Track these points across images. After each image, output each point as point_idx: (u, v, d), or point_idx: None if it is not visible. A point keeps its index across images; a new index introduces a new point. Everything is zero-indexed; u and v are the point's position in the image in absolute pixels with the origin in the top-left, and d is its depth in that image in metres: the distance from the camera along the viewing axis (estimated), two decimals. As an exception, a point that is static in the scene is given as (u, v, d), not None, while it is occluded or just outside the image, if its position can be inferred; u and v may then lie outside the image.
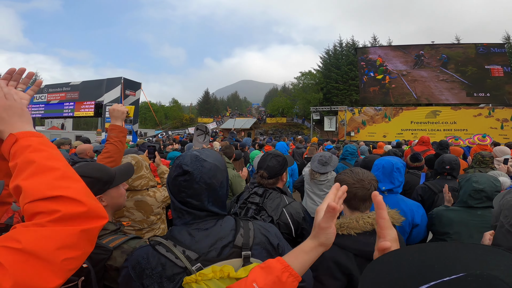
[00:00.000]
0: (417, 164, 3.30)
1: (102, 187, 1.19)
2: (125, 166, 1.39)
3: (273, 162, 1.77)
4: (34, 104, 15.12)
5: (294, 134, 33.42)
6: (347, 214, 1.52)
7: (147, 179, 1.97)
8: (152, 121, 45.82)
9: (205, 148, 1.11)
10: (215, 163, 1.00)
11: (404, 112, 19.52)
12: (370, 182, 1.41)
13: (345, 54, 35.79)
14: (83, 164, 1.22)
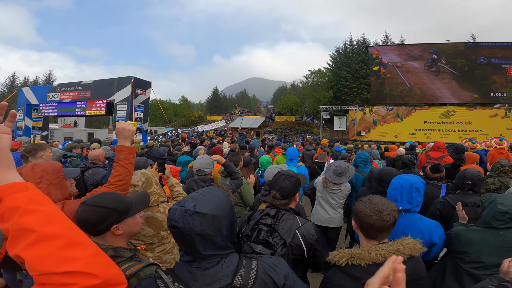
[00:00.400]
0: (438, 175, 3.17)
1: (118, 217, 1.18)
2: (141, 195, 1.38)
3: (286, 183, 1.72)
4: (47, 103, 15.43)
5: (303, 132, 33.17)
6: (363, 242, 1.46)
7: (157, 195, 1.94)
8: (162, 119, 46.37)
9: (207, 190, 1.05)
10: (211, 214, 0.97)
11: (417, 112, 19.05)
12: (390, 213, 1.34)
13: (356, 52, 35.21)
14: (100, 195, 1.21)
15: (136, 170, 2.88)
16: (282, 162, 5.94)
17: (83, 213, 1.13)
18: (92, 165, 3.79)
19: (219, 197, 1.03)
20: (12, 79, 60.51)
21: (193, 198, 0.98)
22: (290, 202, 1.75)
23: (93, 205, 1.14)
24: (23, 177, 1.33)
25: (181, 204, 0.97)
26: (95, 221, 1.12)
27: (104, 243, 1.15)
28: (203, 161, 2.69)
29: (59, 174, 1.46)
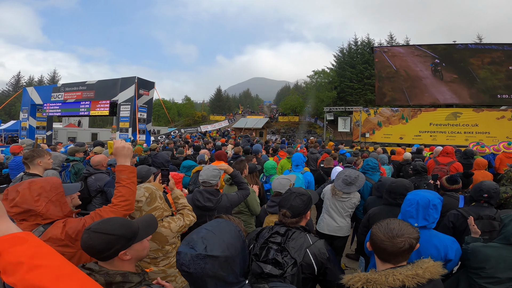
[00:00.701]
0: (455, 187, 3.08)
1: (125, 243, 1.15)
2: (148, 219, 1.33)
3: (297, 202, 1.65)
4: (51, 103, 15.48)
5: (306, 133, 33.04)
6: (379, 265, 1.41)
7: (161, 210, 1.89)
8: (165, 118, 46.45)
9: (217, 226, 0.97)
10: (224, 255, 0.90)
11: (423, 114, 18.80)
12: (405, 240, 1.28)
13: (360, 52, 35.11)
14: (106, 221, 1.16)
15: (139, 178, 2.85)
16: (287, 166, 5.85)
17: (89, 240, 1.09)
18: (95, 171, 3.74)
19: (231, 234, 0.96)
20: (17, 78, 60.83)
21: (203, 239, 0.91)
22: (301, 220, 1.68)
23: (98, 232, 1.10)
24: (20, 195, 1.29)
25: (190, 246, 0.90)
26: (102, 248, 1.09)
27: (112, 268, 1.12)
28: (209, 173, 2.61)
29: (58, 191, 1.40)
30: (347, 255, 4.37)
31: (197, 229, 0.97)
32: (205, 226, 0.98)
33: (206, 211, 2.53)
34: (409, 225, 1.36)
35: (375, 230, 1.35)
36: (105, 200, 3.68)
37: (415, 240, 1.30)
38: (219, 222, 1.00)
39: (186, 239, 0.93)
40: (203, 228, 0.96)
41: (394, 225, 1.33)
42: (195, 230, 0.97)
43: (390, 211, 2.46)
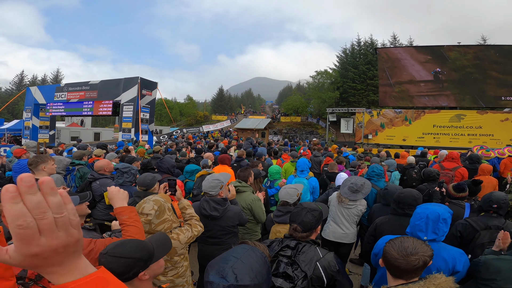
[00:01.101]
0: (462, 195, 3.04)
1: (144, 265, 1.18)
2: (162, 239, 1.34)
3: (308, 217, 1.66)
4: (54, 103, 15.53)
5: (308, 134, 33.02)
6: (390, 281, 1.42)
7: (170, 222, 1.89)
8: (167, 118, 46.55)
9: (246, 254, 0.98)
10: (253, 284, 0.92)
11: (426, 116, 18.70)
12: (419, 258, 1.29)
13: (363, 53, 35.05)
14: (121, 244, 1.17)
15: (143, 186, 2.85)
16: (290, 170, 5.82)
17: (108, 264, 1.10)
18: (99, 176, 3.72)
19: (258, 262, 0.97)
20: (21, 77, 61.07)
21: (233, 268, 0.91)
22: (311, 235, 1.68)
23: (115, 256, 1.11)
24: None
25: (221, 275, 0.90)
26: (121, 272, 1.10)
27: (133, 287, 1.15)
28: (207, 184, 2.62)
29: None
30: (351, 260, 4.36)
31: (225, 256, 0.98)
32: (232, 253, 0.98)
33: (212, 220, 2.54)
34: (423, 243, 1.36)
35: (389, 248, 1.35)
36: (108, 205, 3.66)
37: (429, 258, 1.31)
38: (246, 249, 1.01)
39: (215, 267, 0.93)
40: (231, 256, 0.96)
41: (408, 244, 1.33)
42: (223, 257, 0.97)
43: (397, 221, 2.44)
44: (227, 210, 2.61)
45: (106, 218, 3.74)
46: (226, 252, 1.02)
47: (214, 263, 0.96)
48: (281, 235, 2.34)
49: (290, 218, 1.70)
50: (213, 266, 0.95)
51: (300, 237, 1.63)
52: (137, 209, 1.79)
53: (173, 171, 4.27)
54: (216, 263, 0.96)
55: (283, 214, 2.43)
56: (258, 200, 3.15)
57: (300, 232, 1.63)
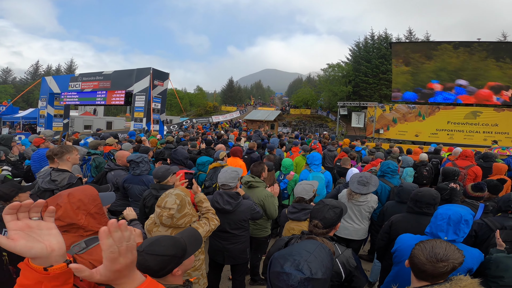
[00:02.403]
0: (478, 195, 3.00)
1: (178, 261, 1.23)
2: (193, 235, 1.38)
3: (330, 214, 1.67)
4: (69, 92, 15.80)
5: (317, 127, 32.74)
6: (414, 282, 1.40)
7: (190, 216, 1.92)
8: (177, 108, 46.83)
9: (318, 249, 1.03)
10: (323, 278, 0.97)
11: (441, 112, 18.22)
12: (449, 265, 1.26)
13: (377, 47, 34.40)
14: (157, 242, 1.22)
15: (156, 178, 2.88)
16: (302, 164, 5.79)
17: (145, 262, 1.15)
18: (115, 167, 3.80)
19: (328, 258, 1.03)
20: (36, 67, 62.36)
21: (308, 262, 0.97)
22: (331, 231, 1.69)
23: (152, 253, 1.16)
24: (62, 209, 1.31)
25: (297, 268, 0.95)
26: (158, 269, 1.16)
27: (165, 283, 1.18)
28: (227, 175, 2.60)
29: (96, 203, 1.40)
30: (360, 256, 4.35)
31: (296, 250, 1.02)
32: (304, 247, 1.03)
33: (223, 213, 2.52)
34: (456, 249, 1.31)
35: (418, 252, 1.32)
36: (122, 196, 3.72)
37: (458, 264, 1.28)
38: (316, 245, 1.06)
39: (289, 259, 0.97)
40: (304, 250, 1.01)
41: (439, 250, 1.29)
42: (295, 251, 1.02)
43: (414, 220, 2.41)
44: (240, 204, 2.60)
45: (119, 208, 3.84)
46: (295, 246, 1.06)
47: (285, 256, 1.00)
48: (295, 232, 2.34)
49: (311, 214, 1.71)
50: (285, 258, 0.99)
51: (320, 233, 1.64)
52: (159, 203, 1.82)
53: (186, 163, 4.31)
54: (288, 255, 1.00)
55: (297, 211, 2.42)
56: (271, 196, 3.11)
57: (320, 229, 1.64)
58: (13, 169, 4.14)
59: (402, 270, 1.99)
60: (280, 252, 1.06)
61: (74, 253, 1.30)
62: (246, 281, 3.30)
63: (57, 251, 0.73)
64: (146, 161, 3.62)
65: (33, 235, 0.70)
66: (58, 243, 0.74)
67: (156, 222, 1.92)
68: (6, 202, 2.35)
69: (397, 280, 2.03)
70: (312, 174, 4.36)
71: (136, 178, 3.52)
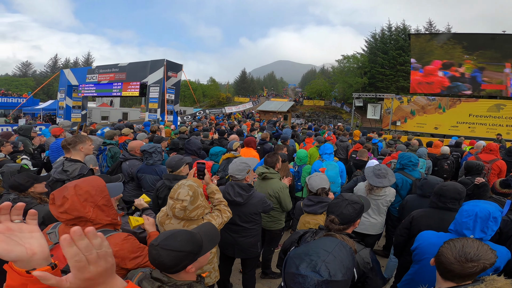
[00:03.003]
0: (506, 191, 2.83)
1: (193, 258, 1.17)
2: (210, 231, 1.32)
3: (348, 210, 1.56)
4: (86, 84, 16.20)
5: (331, 118, 32.20)
6: (440, 282, 1.31)
7: (203, 208, 1.87)
8: (191, 99, 47.22)
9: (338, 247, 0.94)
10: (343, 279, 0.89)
11: (462, 104, 17.42)
12: (479, 265, 1.16)
13: (394, 38, 33.65)
14: (173, 236, 1.17)
15: (169, 167, 2.86)
16: (315, 155, 5.68)
17: (159, 257, 1.11)
18: (130, 157, 3.82)
19: (348, 258, 0.94)
20: (55, 60, 64.55)
21: (326, 263, 0.88)
22: (349, 228, 1.59)
23: (167, 248, 1.11)
24: (69, 202, 1.27)
25: (314, 270, 0.86)
26: (172, 265, 1.11)
27: (178, 279, 1.15)
28: (234, 167, 2.52)
29: (103, 195, 1.36)
30: (374, 251, 4.24)
31: (313, 248, 0.94)
32: (322, 246, 0.95)
33: (234, 206, 2.45)
34: (489, 249, 1.21)
35: (446, 251, 1.23)
36: (137, 186, 3.75)
37: (489, 265, 1.17)
38: (336, 243, 0.97)
39: (305, 259, 0.90)
40: (322, 249, 0.92)
41: (470, 249, 1.19)
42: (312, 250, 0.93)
43: (437, 215, 2.28)
44: (251, 197, 2.51)
45: (134, 199, 3.88)
46: (312, 244, 0.98)
47: (301, 255, 0.92)
48: (310, 226, 2.27)
49: (328, 208, 1.62)
50: (301, 258, 0.91)
51: (337, 229, 1.55)
52: (172, 195, 1.78)
53: (199, 152, 4.29)
54: (304, 255, 0.91)
55: (313, 204, 2.34)
56: (286, 188, 3.03)
57: (337, 225, 1.55)
58: (30, 159, 4.24)
59: (422, 269, 1.90)
60: (296, 250, 0.98)
61: None
62: (257, 274, 3.25)
63: (39, 255, 0.70)
64: (159, 151, 3.62)
65: (14, 238, 0.68)
66: (40, 246, 0.71)
67: (168, 214, 1.88)
68: (21, 192, 2.38)
69: (416, 278, 1.95)
70: (326, 162, 4.25)
71: (149, 168, 3.54)
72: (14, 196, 2.36)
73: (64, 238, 0.64)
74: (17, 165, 3.23)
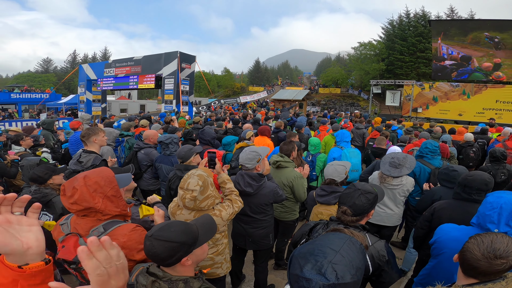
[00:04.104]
0: None
1: (188, 249, 1.13)
2: (207, 222, 1.27)
3: (361, 200, 1.48)
4: (104, 78, 16.61)
5: (348, 106, 31.43)
6: (461, 279, 1.23)
7: (213, 198, 1.85)
8: (205, 90, 47.50)
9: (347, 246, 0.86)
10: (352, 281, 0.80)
11: (488, 90, 16.46)
12: (508, 262, 1.07)
13: (413, 25, 32.55)
14: (167, 227, 1.13)
15: (179, 158, 2.85)
16: (331, 143, 5.54)
17: (153, 248, 1.08)
18: (144, 145, 3.88)
19: (359, 257, 0.85)
20: (74, 56, 66.68)
21: (333, 264, 0.79)
22: (362, 219, 1.52)
23: (161, 239, 1.08)
24: (78, 193, 1.26)
25: (319, 272, 0.78)
26: (165, 256, 1.07)
27: (175, 273, 1.11)
28: (244, 156, 2.45)
29: (112, 185, 1.35)
30: (392, 243, 4.03)
31: (319, 247, 0.85)
32: (328, 244, 0.86)
33: (245, 196, 2.39)
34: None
35: (472, 246, 1.14)
36: (154, 174, 3.83)
37: None
38: (344, 240, 0.88)
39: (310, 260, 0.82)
40: (328, 248, 0.84)
41: (500, 245, 1.10)
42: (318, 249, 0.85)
43: (460, 208, 2.14)
44: (262, 187, 2.44)
45: (151, 187, 3.96)
46: (318, 241, 0.89)
47: (306, 255, 0.84)
48: (323, 217, 2.20)
49: (340, 199, 1.55)
50: (306, 258, 0.83)
51: (349, 221, 1.49)
52: (182, 185, 1.77)
53: (213, 142, 4.29)
54: (309, 255, 0.83)
55: (327, 194, 2.26)
56: (300, 177, 2.93)
57: (349, 216, 1.48)
58: (51, 152, 4.39)
59: (440, 264, 1.80)
60: (301, 249, 0.89)
61: None
62: (270, 266, 3.22)
63: (34, 249, 0.68)
64: (175, 142, 3.65)
65: (11, 231, 0.66)
66: (37, 241, 0.69)
67: (179, 205, 1.88)
68: (41, 184, 2.47)
69: (433, 274, 1.86)
70: (346, 150, 4.11)
71: (166, 158, 3.60)
72: (35, 188, 2.47)
73: (82, 250, 0.60)
74: (36, 158, 3.34)
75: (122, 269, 0.66)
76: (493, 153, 3.90)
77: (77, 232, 1.31)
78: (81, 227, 1.33)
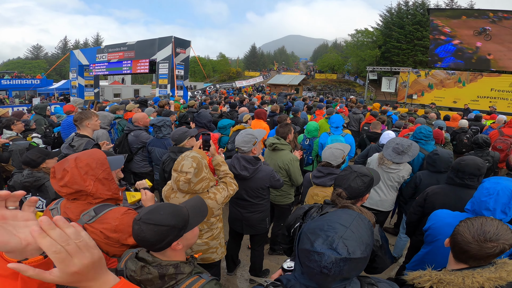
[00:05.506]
0: None
1: (178, 233, 1.08)
2: (198, 205, 1.22)
3: (357, 183, 1.46)
4: (97, 63, 16.29)
5: (344, 91, 31.36)
6: (451, 264, 1.23)
7: (207, 181, 1.82)
8: (201, 74, 46.84)
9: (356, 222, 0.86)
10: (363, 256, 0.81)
11: (484, 78, 16.55)
12: (498, 246, 1.07)
13: (412, 13, 32.12)
14: (155, 210, 1.08)
15: (173, 140, 2.79)
16: (325, 128, 5.53)
17: (141, 232, 1.03)
18: (134, 127, 3.83)
19: (368, 233, 0.85)
20: (64, 42, 65.09)
21: (344, 239, 0.79)
22: (357, 203, 1.51)
23: (150, 223, 1.03)
24: (69, 175, 1.23)
25: (330, 247, 0.78)
26: (155, 241, 1.03)
27: (165, 258, 1.07)
28: (240, 138, 2.42)
29: (104, 167, 1.30)
30: (384, 229, 4.05)
31: (329, 223, 0.85)
32: (338, 220, 0.86)
33: (240, 180, 2.37)
34: (508, 229, 1.12)
35: (463, 229, 1.14)
36: (145, 157, 3.80)
37: (508, 246, 1.09)
38: (353, 217, 0.88)
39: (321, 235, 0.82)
40: (338, 224, 0.84)
41: (490, 228, 1.10)
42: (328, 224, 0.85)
43: (453, 192, 2.14)
44: (258, 170, 2.42)
45: (143, 170, 3.93)
46: (328, 217, 0.89)
47: (316, 230, 0.84)
48: (319, 199, 2.19)
49: (335, 181, 1.54)
50: (316, 234, 0.83)
51: (344, 204, 1.48)
52: (176, 167, 1.73)
53: (210, 125, 4.26)
54: (320, 230, 0.83)
55: (323, 176, 2.24)
56: (296, 160, 2.91)
57: (344, 199, 1.47)
58: (42, 137, 4.32)
59: (434, 251, 1.80)
60: (310, 225, 0.89)
61: (84, 222, 1.25)
62: (265, 251, 3.23)
63: (33, 245, 0.67)
64: (168, 125, 3.61)
65: (7, 228, 0.64)
66: None
67: (173, 188, 1.85)
68: (33, 168, 2.43)
69: (426, 260, 1.81)
70: (331, 137, 4.09)
71: (159, 141, 3.56)
72: (28, 171, 2.43)
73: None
74: (26, 143, 3.28)
75: (86, 247, 0.63)
76: (475, 140, 3.89)
77: (68, 216, 1.27)
78: (72, 211, 1.29)
